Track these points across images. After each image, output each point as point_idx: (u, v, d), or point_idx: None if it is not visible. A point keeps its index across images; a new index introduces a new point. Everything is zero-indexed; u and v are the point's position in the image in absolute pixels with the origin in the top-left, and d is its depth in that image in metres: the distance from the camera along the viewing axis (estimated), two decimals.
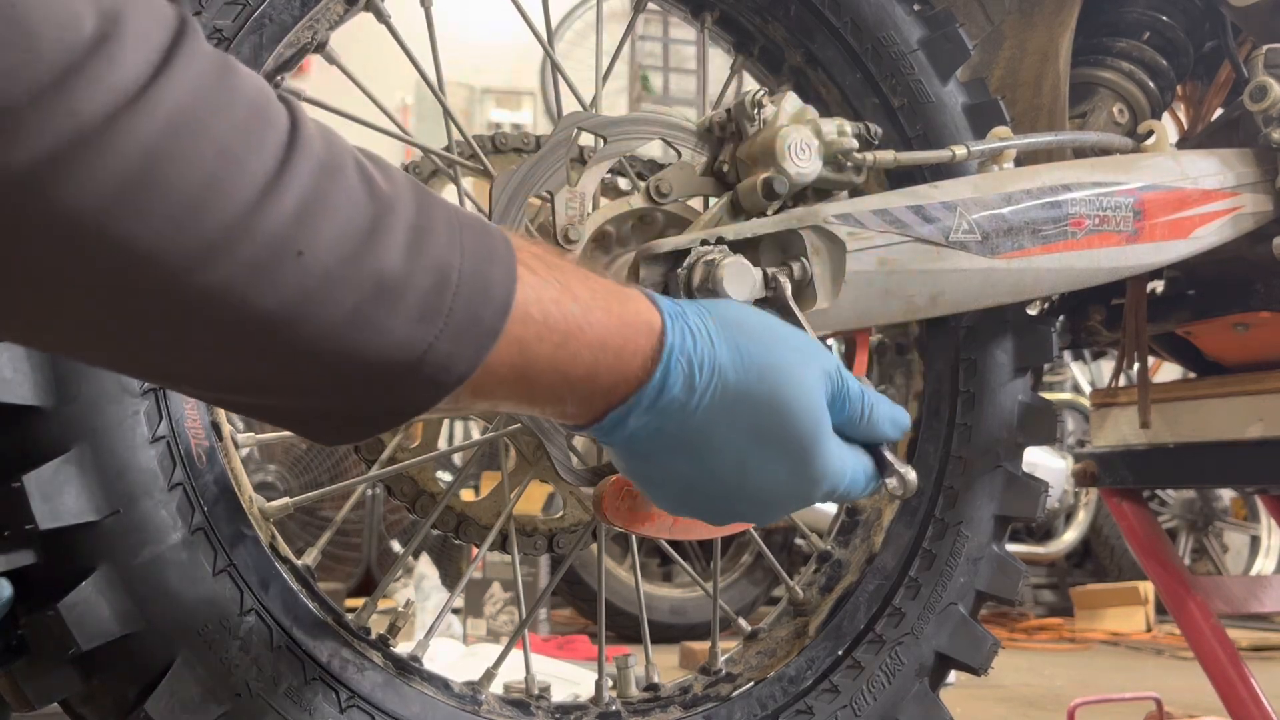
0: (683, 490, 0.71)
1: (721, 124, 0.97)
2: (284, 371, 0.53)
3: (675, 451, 0.68)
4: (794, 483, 0.71)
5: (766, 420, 0.68)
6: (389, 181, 0.55)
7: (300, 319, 0.51)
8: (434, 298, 0.55)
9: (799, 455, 0.70)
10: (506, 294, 0.58)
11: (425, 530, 1.02)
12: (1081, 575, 5.00)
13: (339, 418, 0.58)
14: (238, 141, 0.49)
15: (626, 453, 0.69)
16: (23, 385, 0.72)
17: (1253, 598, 1.72)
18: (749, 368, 0.68)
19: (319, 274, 0.51)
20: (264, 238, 0.49)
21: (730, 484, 0.70)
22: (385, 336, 0.53)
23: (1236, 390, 1.51)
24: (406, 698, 0.88)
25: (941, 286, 0.97)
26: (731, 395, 0.67)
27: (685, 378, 0.66)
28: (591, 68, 1.08)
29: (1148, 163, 1.15)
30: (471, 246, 0.57)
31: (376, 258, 0.53)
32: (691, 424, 0.67)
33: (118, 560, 0.74)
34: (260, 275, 0.49)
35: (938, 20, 1.12)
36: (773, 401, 0.68)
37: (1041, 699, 2.60)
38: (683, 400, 0.66)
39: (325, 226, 0.51)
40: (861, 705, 1.04)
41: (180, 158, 0.47)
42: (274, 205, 0.49)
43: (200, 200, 0.47)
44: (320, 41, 0.91)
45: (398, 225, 0.54)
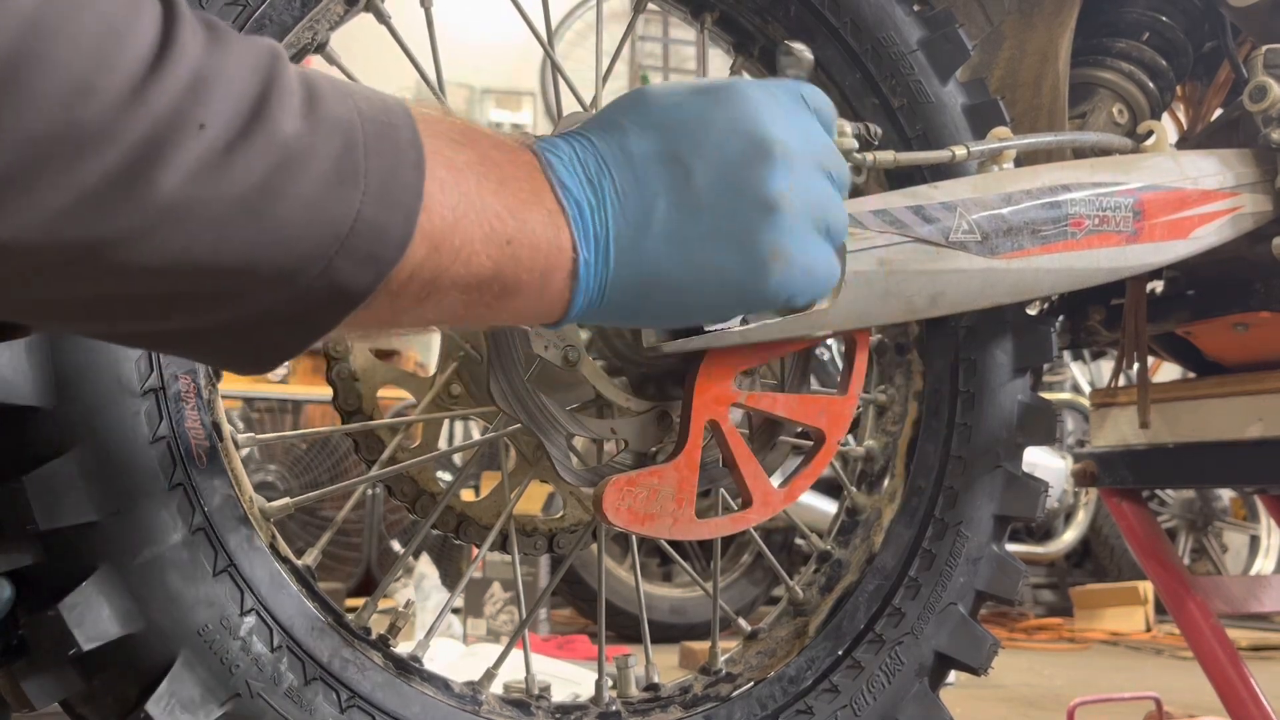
0: (683, 213, 0.66)
1: None
2: (203, 270, 0.48)
3: (637, 158, 0.65)
4: (729, 113, 0.67)
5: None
6: (273, 52, 0.52)
7: (210, 198, 0.47)
8: (346, 159, 0.51)
9: (717, 93, 0.67)
10: (416, 146, 0.54)
11: (425, 530, 1.02)
12: (1081, 575, 5.00)
13: (277, 323, 0.53)
14: (120, 12, 0.45)
15: (611, 311, 0.66)
16: (23, 385, 0.72)
17: (1252, 598, 1.73)
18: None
19: (223, 145, 0.47)
20: (161, 111, 0.45)
21: (692, 135, 0.66)
22: (303, 206, 0.50)
23: (1236, 390, 1.51)
24: (406, 698, 0.88)
25: (941, 287, 0.97)
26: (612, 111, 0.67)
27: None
28: (591, 68, 1.08)
29: (1147, 163, 1.15)
30: (366, 106, 0.54)
31: (277, 123, 0.49)
32: (616, 133, 0.65)
33: (118, 560, 0.74)
34: (162, 153, 0.45)
35: (937, 21, 1.12)
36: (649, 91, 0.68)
37: (1041, 699, 2.60)
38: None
39: (220, 96, 0.47)
40: (861, 705, 1.04)
41: (64, 31, 0.43)
42: (167, 76, 0.46)
43: (90, 76, 0.44)
44: (320, 42, 0.91)
45: (290, 89, 0.50)
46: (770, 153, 0.67)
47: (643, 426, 0.89)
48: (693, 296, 0.68)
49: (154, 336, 0.55)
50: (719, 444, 0.86)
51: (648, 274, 0.65)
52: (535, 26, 1.02)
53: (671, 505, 0.82)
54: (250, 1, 0.82)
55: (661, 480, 0.82)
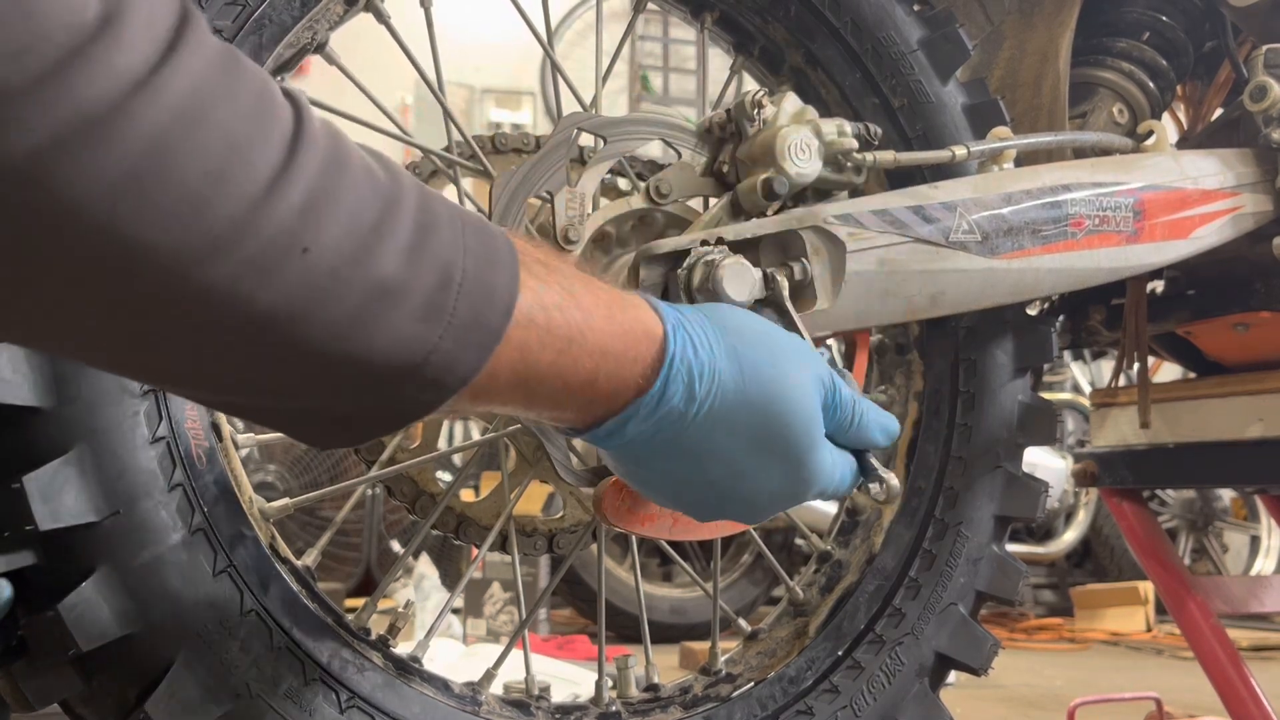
0: (675, 491, 0.72)
1: (721, 124, 0.96)
2: (285, 372, 0.52)
3: (671, 457, 0.68)
4: (786, 486, 0.72)
5: (763, 428, 0.69)
6: (392, 178, 0.54)
7: (304, 317, 0.49)
8: (438, 297, 0.53)
9: (793, 461, 0.71)
10: (510, 296, 0.57)
11: (425, 530, 1.02)
12: (1081, 575, 5.00)
13: (339, 420, 0.56)
14: (244, 133, 0.47)
15: (622, 456, 0.70)
16: (23, 386, 0.71)
17: (1253, 598, 1.73)
18: (747, 376, 0.68)
19: (324, 271, 0.49)
20: (270, 233, 0.47)
21: (723, 488, 0.70)
22: (389, 336, 0.52)
23: (1236, 390, 1.51)
24: (406, 698, 0.88)
25: (941, 287, 0.97)
26: (730, 404, 0.67)
27: (686, 387, 0.66)
28: (591, 68, 1.08)
29: (1148, 163, 1.15)
30: (474, 246, 0.56)
31: (382, 255, 0.51)
32: (689, 432, 0.67)
33: (118, 561, 0.74)
34: (265, 272, 0.48)
35: (938, 20, 1.12)
36: (770, 410, 0.68)
37: (1041, 699, 2.60)
38: (682, 410, 0.66)
39: (331, 223, 0.50)
40: (861, 705, 1.04)
41: (187, 148, 0.45)
42: (280, 200, 0.48)
43: (206, 193, 0.46)
44: (320, 42, 0.91)
45: (402, 223, 0.53)
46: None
47: None
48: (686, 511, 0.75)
49: (226, 406, 0.59)
50: None
51: (663, 489, 0.72)
52: (535, 26, 1.02)
53: None
54: (250, 2, 0.82)
55: None
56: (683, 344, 0.66)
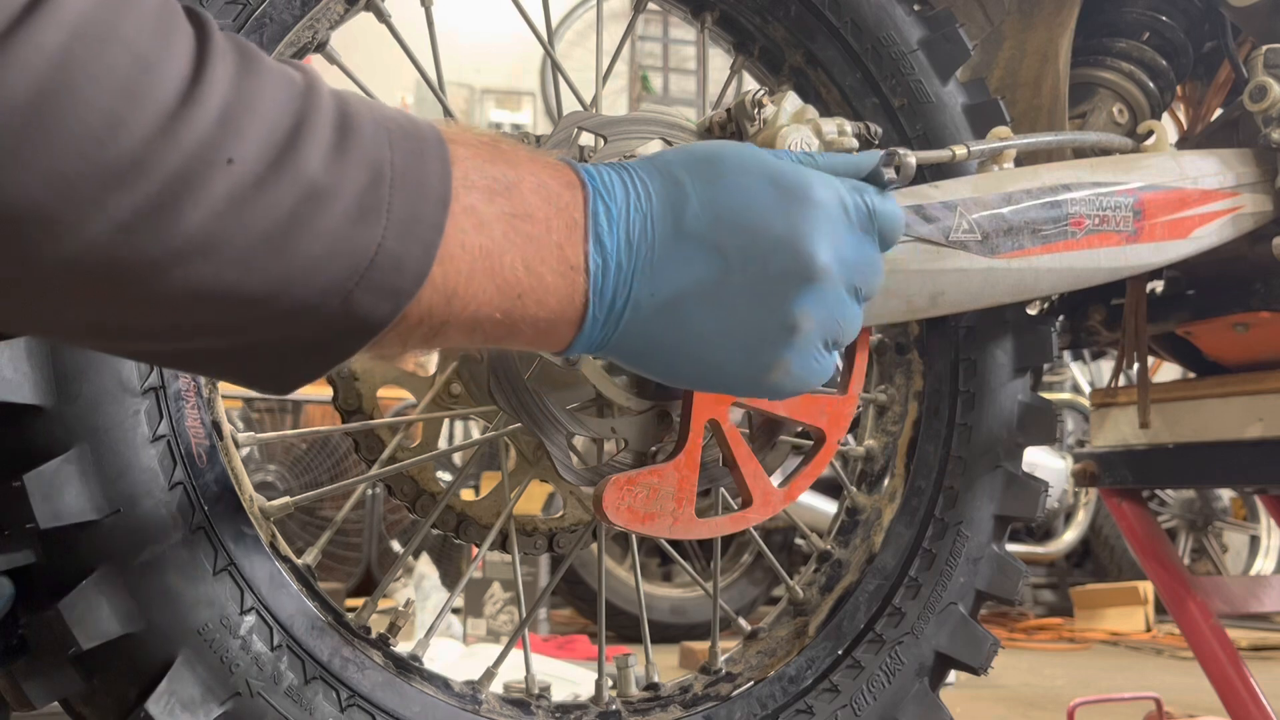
0: (717, 303, 0.65)
1: (722, 124, 0.96)
2: (227, 299, 0.49)
3: (672, 254, 0.64)
4: (780, 195, 0.66)
5: (704, 162, 0.65)
6: (307, 80, 0.52)
7: (236, 232, 0.47)
8: (370, 195, 0.51)
9: (757, 169, 0.66)
10: (444, 180, 0.54)
11: (425, 530, 1.02)
12: (1081, 575, 5.00)
13: (297, 349, 0.53)
14: (150, 45, 0.45)
15: (641, 310, 0.64)
16: (23, 385, 0.72)
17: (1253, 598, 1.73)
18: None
19: (251, 181, 0.47)
20: (191, 146, 0.45)
21: (735, 229, 0.65)
22: (327, 241, 0.50)
23: (1236, 390, 1.51)
24: (407, 697, 0.88)
25: (941, 286, 0.97)
26: (660, 165, 0.65)
27: (609, 174, 0.63)
28: (591, 68, 1.08)
29: (1148, 163, 1.15)
30: (400, 140, 0.54)
31: (306, 158, 0.49)
32: (653, 217, 0.63)
33: (118, 560, 0.74)
34: (191, 188, 0.45)
35: (938, 20, 1.12)
36: (697, 149, 0.66)
37: (1041, 699, 2.60)
38: (624, 195, 0.63)
39: (250, 130, 0.47)
40: (861, 705, 1.04)
41: (92, 65, 0.43)
42: (197, 110, 0.45)
43: (119, 111, 0.43)
44: (321, 41, 0.91)
45: (322, 123, 0.50)
46: (810, 278, 0.66)
47: (643, 426, 0.89)
48: (686, 374, 0.68)
49: (176, 356, 0.55)
50: (719, 443, 0.86)
51: (651, 347, 0.66)
52: (535, 26, 1.02)
53: (671, 505, 0.82)
54: (250, 1, 0.82)
55: (661, 480, 0.82)
56: (597, 177, 0.63)
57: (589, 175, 0.63)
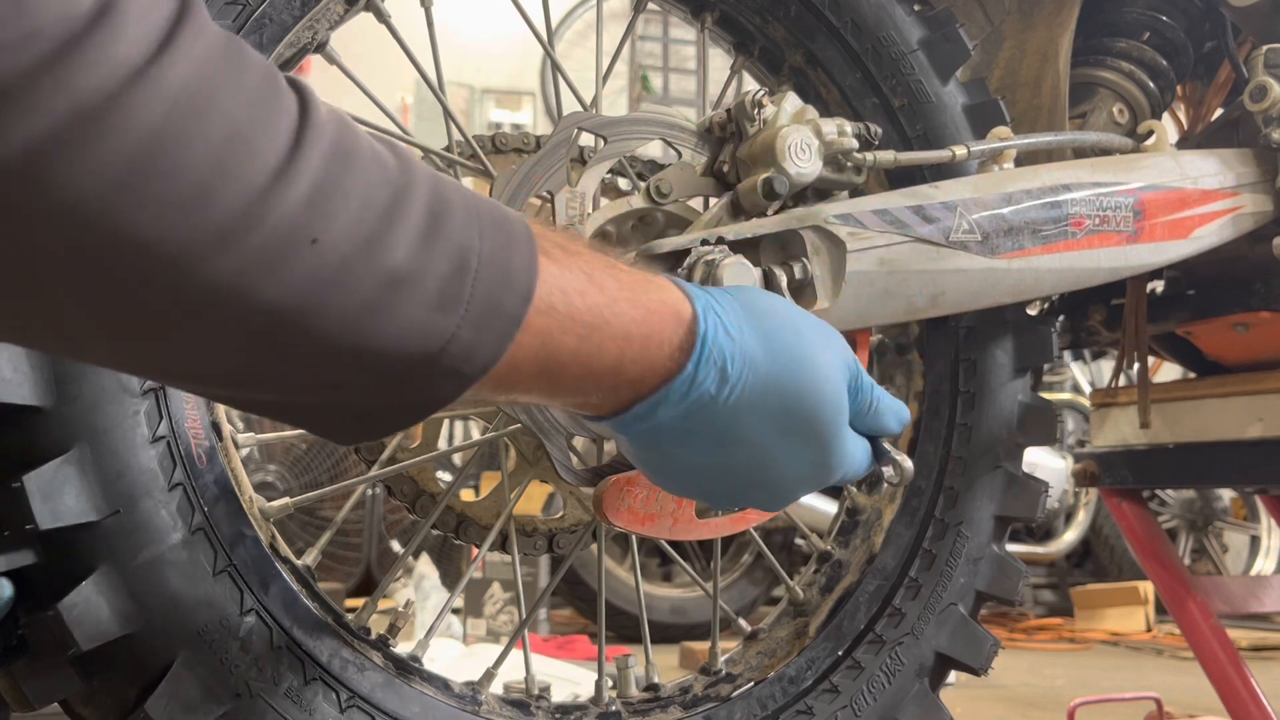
0: (698, 478, 0.70)
1: (721, 124, 0.97)
2: (297, 366, 0.50)
3: (697, 442, 0.66)
4: (810, 470, 0.71)
5: (794, 411, 0.67)
6: (403, 165, 0.53)
7: (315, 309, 0.48)
8: (453, 284, 0.52)
9: (821, 444, 0.70)
10: (528, 280, 0.55)
11: (425, 530, 1.02)
12: (1081, 575, 5.00)
13: (355, 414, 0.55)
14: (247, 122, 0.46)
15: (644, 443, 0.68)
16: (23, 385, 0.71)
17: (1253, 598, 1.72)
18: (778, 358, 0.67)
19: (334, 262, 0.48)
20: (276, 224, 0.46)
21: (748, 473, 0.69)
22: (403, 325, 0.51)
23: (1236, 390, 1.51)
24: (406, 698, 0.88)
25: (942, 286, 0.97)
26: (761, 387, 0.66)
27: (718, 370, 0.64)
28: (591, 68, 1.08)
29: (1148, 163, 1.15)
30: (490, 231, 0.54)
31: (393, 243, 0.50)
32: (719, 416, 0.65)
33: (118, 560, 0.74)
34: (272, 264, 0.47)
35: (938, 20, 1.12)
36: (800, 392, 0.67)
37: (1041, 699, 2.60)
38: (714, 394, 0.64)
39: (340, 212, 0.48)
40: (861, 705, 1.04)
41: (187, 138, 0.44)
42: (287, 189, 0.47)
43: (209, 184, 0.44)
44: (320, 41, 0.91)
45: (414, 209, 0.51)
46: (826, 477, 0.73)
47: None
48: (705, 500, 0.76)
49: (236, 401, 0.57)
50: None
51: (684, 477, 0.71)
52: (535, 26, 1.02)
53: (671, 505, 0.82)
54: (250, 1, 0.82)
55: None
56: (714, 325, 0.65)
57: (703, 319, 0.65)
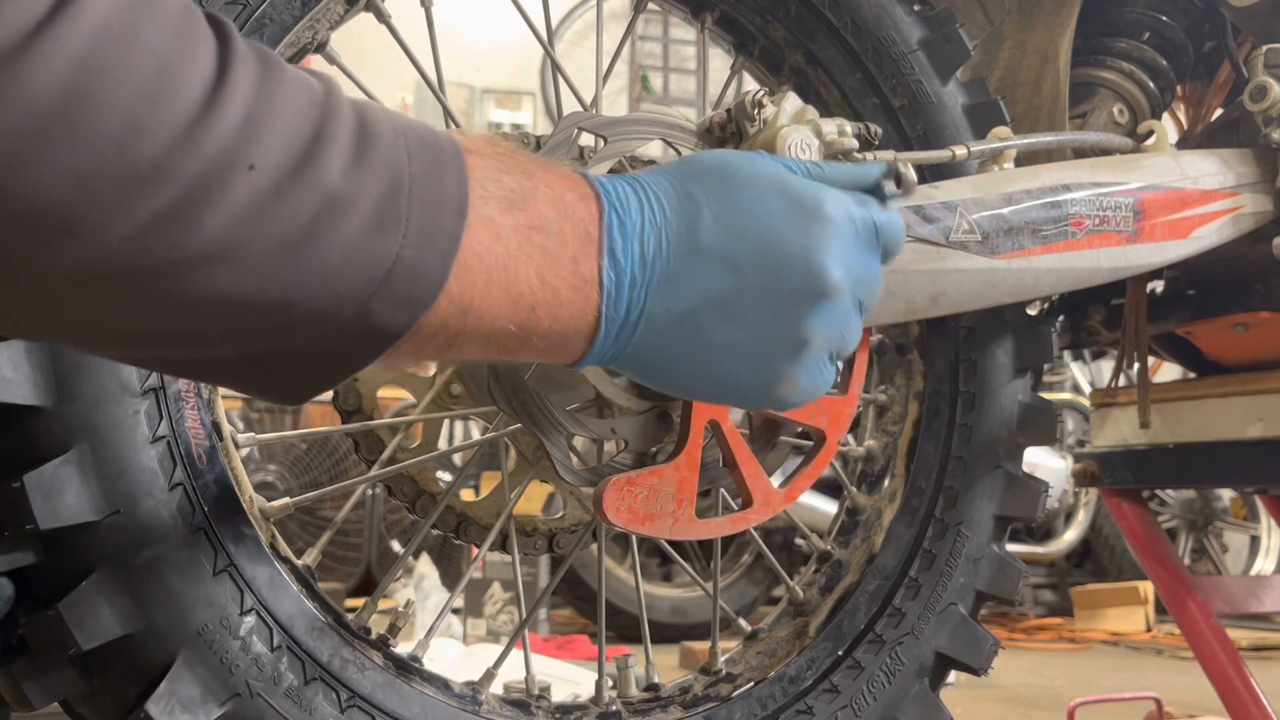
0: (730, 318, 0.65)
1: (722, 124, 0.96)
2: (246, 307, 0.48)
3: (685, 267, 0.63)
4: (794, 210, 0.66)
5: (719, 177, 0.65)
6: (326, 89, 0.52)
7: (256, 239, 0.47)
8: (389, 203, 0.51)
9: (770, 184, 0.66)
10: (461, 190, 0.54)
11: (425, 530, 1.02)
12: (1081, 575, 5.00)
13: (313, 358, 0.53)
14: (173, 50, 0.45)
15: (651, 326, 0.64)
16: (23, 385, 0.72)
17: (1253, 598, 1.73)
18: (679, 163, 0.66)
19: (270, 187, 0.47)
20: (212, 152, 0.45)
21: (751, 248, 0.65)
22: (346, 248, 0.49)
23: (1236, 390, 1.51)
24: (406, 698, 0.88)
25: (942, 286, 0.97)
26: (675, 181, 0.65)
27: (626, 190, 0.63)
28: (591, 68, 1.08)
29: (1148, 163, 1.15)
30: (418, 150, 0.54)
31: (326, 165, 0.49)
32: (671, 229, 0.63)
33: (118, 560, 0.74)
34: (211, 194, 0.45)
35: (938, 21, 1.12)
36: (714, 161, 0.66)
37: (1041, 699, 2.60)
38: (638, 213, 0.63)
39: (271, 136, 0.47)
40: (861, 705, 1.04)
41: (114, 70, 0.43)
42: (219, 116, 0.45)
43: (139, 117, 0.43)
44: (321, 41, 0.91)
45: (342, 130, 0.50)
46: (823, 294, 0.67)
47: (643, 426, 0.89)
48: (696, 388, 0.69)
49: (189, 364, 0.55)
50: (719, 444, 0.86)
51: (663, 360, 0.66)
52: (535, 26, 1.02)
53: (671, 505, 0.82)
54: (251, 1, 0.82)
55: (662, 480, 0.82)
56: (601, 175, 0.64)
57: (604, 188, 0.63)
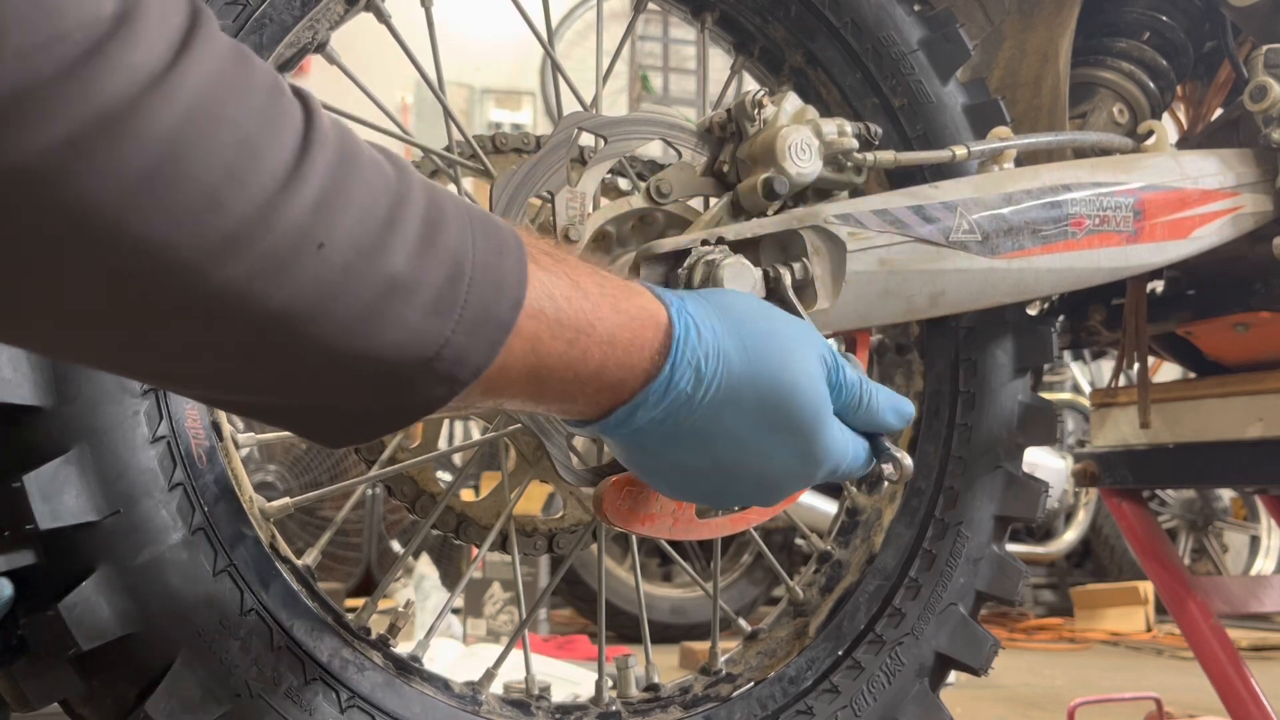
0: (687, 478, 0.72)
1: (722, 124, 0.96)
2: (298, 370, 0.52)
3: (681, 442, 0.69)
4: (797, 463, 0.72)
5: (770, 404, 0.69)
6: (400, 174, 0.54)
7: (319, 314, 0.50)
8: (448, 291, 0.54)
9: (803, 436, 0.71)
10: (519, 287, 0.57)
11: (425, 530, 1.02)
12: (1081, 575, 5.00)
13: (349, 417, 0.57)
14: (256, 130, 0.47)
15: (631, 446, 0.70)
16: (23, 385, 0.71)
17: (1253, 598, 1.72)
18: (751, 353, 0.69)
19: (338, 267, 0.50)
20: (285, 230, 0.48)
21: (735, 469, 0.71)
22: (401, 331, 0.52)
23: (1236, 390, 1.51)
24: (406, 698, 0.88)
25: (942, 286, 0.97)
26: (736, 382, 0.68)
27: (693, 369, 0.67)
28: (591, 68, 1.08)
29: (1148, 163, 1.15)
30: (482, 240, 0.56)
31: (393, 250, 0.52)
32: (698, 414, 0.68)
33: (118, 560, 0.74)
34: (280, 269, 0.48)
35: (938, 20, 1.12)
36: (776, 386, 0.69)
37: (1041, 699, 2.60)
38: (690, 393, 0.67)
39: (343, 219, 0.50)
40: (861, 705, 1.04)
41: (201, 145, 0.45)
42: (294, 196, 0.48)
43: (220, 191, 0.45)
44: (321, 41, 0.91)
45: (411, 218, 0.53)
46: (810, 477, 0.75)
47: None
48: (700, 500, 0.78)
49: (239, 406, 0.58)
50: None
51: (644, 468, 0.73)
52: (535, 26, 1.02)
53: (671, 505, 0.82)
54: (251, 1, 0.82)
55: None
56: (686, 327, 0.67)
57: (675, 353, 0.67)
